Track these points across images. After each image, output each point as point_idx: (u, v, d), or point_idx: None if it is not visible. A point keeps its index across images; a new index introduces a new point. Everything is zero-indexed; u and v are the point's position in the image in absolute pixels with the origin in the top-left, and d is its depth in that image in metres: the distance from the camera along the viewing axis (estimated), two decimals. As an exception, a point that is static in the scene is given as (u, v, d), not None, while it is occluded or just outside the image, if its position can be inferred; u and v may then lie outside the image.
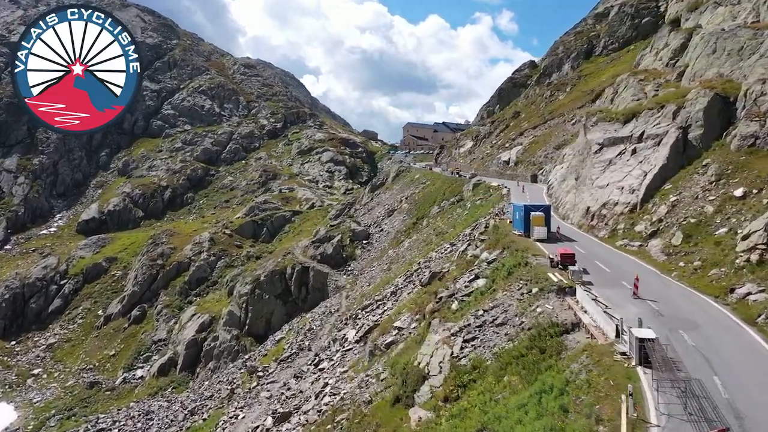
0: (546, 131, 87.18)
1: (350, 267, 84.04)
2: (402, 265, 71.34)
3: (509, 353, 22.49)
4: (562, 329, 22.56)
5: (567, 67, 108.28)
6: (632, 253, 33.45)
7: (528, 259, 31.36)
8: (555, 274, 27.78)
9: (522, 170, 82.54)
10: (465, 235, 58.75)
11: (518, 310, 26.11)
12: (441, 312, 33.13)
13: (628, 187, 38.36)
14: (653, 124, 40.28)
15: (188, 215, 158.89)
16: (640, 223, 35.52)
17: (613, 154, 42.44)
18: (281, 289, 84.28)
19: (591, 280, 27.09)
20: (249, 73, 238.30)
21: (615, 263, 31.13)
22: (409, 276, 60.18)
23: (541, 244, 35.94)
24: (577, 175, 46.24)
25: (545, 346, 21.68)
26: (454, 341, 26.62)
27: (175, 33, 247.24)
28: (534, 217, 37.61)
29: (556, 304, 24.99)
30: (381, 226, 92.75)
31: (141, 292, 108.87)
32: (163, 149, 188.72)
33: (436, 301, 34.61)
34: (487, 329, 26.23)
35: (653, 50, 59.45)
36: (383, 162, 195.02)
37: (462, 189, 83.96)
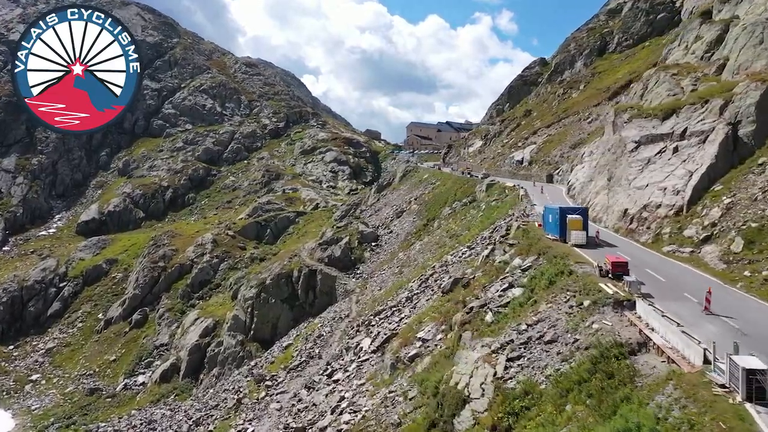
0: (560, 130, 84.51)
1: (359, 270, 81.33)
2: (414, 268, 68.70)
3: (568, 377, 19.77)
4: (627, 350, 19.87)
5: (580, 65, 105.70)
6: (684, 260, 30.72)
7: (571, 267, 28.63)
8: (607, 285, 25.05)
9: (537, 170, 79.90)
10: (483, 238, 56.07)
11: (569, 325, 23.39)
12: (473, 324, 30.40)
13: (671, 188, 35.62)
14: (697, 120, 37.56)
15: (189, 216, 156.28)
16: (689, 227, 32.79)
17: (651, 153, 39.72)
18: (288, 293, 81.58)
19: (649, 292, 24.38)
20: (250, 72, 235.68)
21: (669, 272, 28.39)
22: (424, 281, 57.56)
23: (581, 250, 33.21)
24: (609, 175, 43.53)
25: (611, 369, 18.97)
26: (497, 360, 23.91)
27: (176, 31, 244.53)
28: (571, 221, 34.86)
29: (614, 319, 22.27)
30: (390, 227, 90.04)
31: (142, 295, 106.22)
32: (164, 149, 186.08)
33: (466, 312, 31.87)
34: (534, 347, 23.52)
35: (682, 44, 56.78)
36: (387, 162, 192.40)
37: (474, 190, 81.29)
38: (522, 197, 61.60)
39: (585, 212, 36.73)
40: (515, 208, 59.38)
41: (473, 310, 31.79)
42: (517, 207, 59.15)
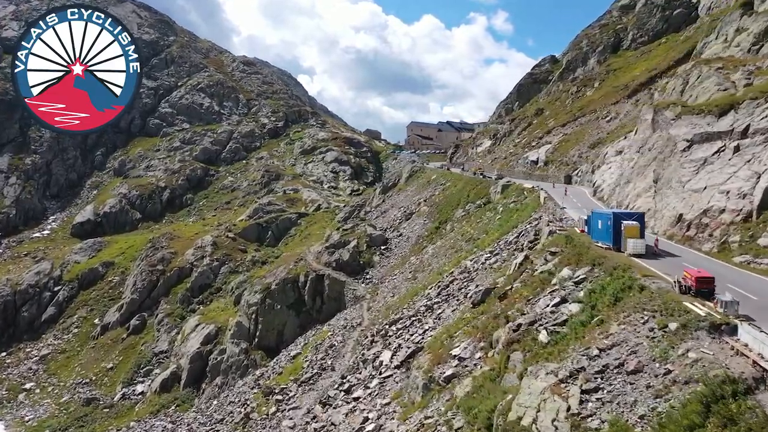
0: (577, 129, 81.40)
1: (368, 275, 77.97)
2: (429, 274, 65.46)
3: (674, 420, 16.44)
4: (743, 387, 16.61)
5: (593, 62, 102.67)
6: (764, 272, 27.55)
7: (639, 281, 25.33)
8: (695, 305, 21.77)
9: (553, 171, 76.75)
10: (507, 243, 52.87)
11: (654, 352, 20.08)
12: (523, 344, 27.10)
13: (736, 191, 32.38)
14: (761, 117, 34.35)
15: (187, 217, 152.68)
16: (763, 235, 29.62)
17: (707, 152, 36.48)
18: (294, 298, 78.17)
19: (746, 314, 21.12)
20: (248, 71, 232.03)
21: (757, 288, 25.09)
22: (443, 288, 54.32)
23: (641, 260, 29.92)
24: (655, 176, 40.29)
25: (731, 412, 15.71)
26: (568, 391, 20.62)
27: (172, 29, 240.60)
28: (628, 228, 31.50)
29: (714, 347, 18.98)
30: (399, 230, 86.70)
31: (140, 299, 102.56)
32: (160, 148, 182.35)
33: (512, 329, 28.55)
34: (614, 377, 20.22)
35: (720, 37, 53.82)
36: (389, 162, 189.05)
37: (488, 191, 78.10)
38: (545, 200, 58.37)
39: (642, 218, 33.33)
40: (539, 211, 56.20)
41: (521, 327, 28.46)
42: (541, 210, 55.96)
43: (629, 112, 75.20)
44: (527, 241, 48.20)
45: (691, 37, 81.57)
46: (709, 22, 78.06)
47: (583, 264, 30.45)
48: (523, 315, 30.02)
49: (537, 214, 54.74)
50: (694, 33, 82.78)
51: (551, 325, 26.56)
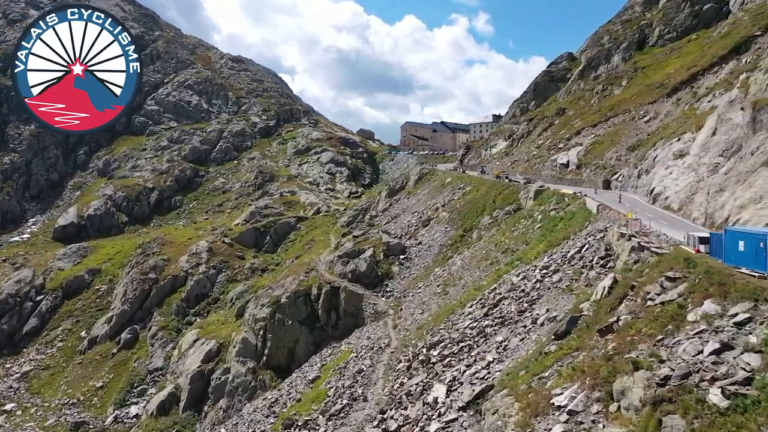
0: (610, 130, 75.76)
1: (388, 288, 71.50)
2: (463, 289, 59.27)
3: None
4: None
5: (617, 59, 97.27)
6: None
7: None
8: None
9: (589, 174, 71.00)
10: (564, 257, 46.75)
11: None
12: (683, 406, 20.88)
13: None
14: None
15: (177, 220, 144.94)
16: None
17: None
18: (306, 313, 71.43)
19: None
20: (237, 68, 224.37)
21: None
22: (490, 307, 48.11)
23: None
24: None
25: None
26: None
27: (158, 24, 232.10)
28: (795, 252, 25.70)
29: None
30: (416, 237, 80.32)
31: (131, 311, 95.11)
32: (147, 148, 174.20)
33: (657, 383, 22.30)
34: None
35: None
36: (385, 163, 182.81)
37: (518, 196, 72.19)
38: (600, 208, 52.41)
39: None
40: (596, 220, 50.23)
41: (669, 380, 22.21)
42: (598, 220, 50.00)
43: (670, 111, 69.71)
44: (597, 257, 42.25)
45: (730, 33, 76.37)
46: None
47: (736, 298, 24.33)
48: (662, 362, 23.77)
49: (596, 225, 48.71)
50: (732, 29, 77.63)
51: (727, 384, 20.32)
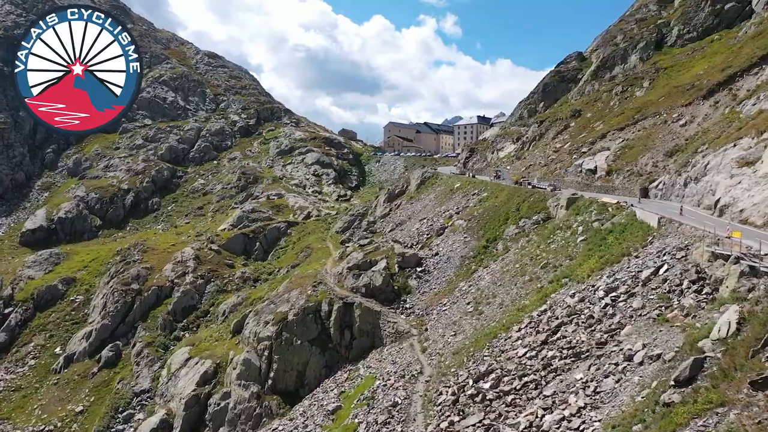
0: (640, 134, 70.99)
1: (407, 304, 65.35)
2: (502, 309, 53.57)
3: None
4: None
5: (634, 59, 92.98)
6: None
7: None
8: None
9: (622, 181, 66.04)
10: (635, 277, 41.33)
11: None
12: None
13: None
14: None
15: (155, 224, 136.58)
16: None
17: None
18: (317, 332, 64.83)
19: None
20: (214, 64, 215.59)
21: None
22: (549, 333, 42.46)
23: None
24: None
25: None
26: None
27: (129, 17, 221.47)
28: None
29: None
30: (431, 247, 74.39)
31: (113, 325, 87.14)
32: (120, 146, 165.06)
33: None
34: None
35: None
36: (371, 165, 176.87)
37: (545, 204, 66.88)
38: (663, 221, 47.20)
39: None
40: (665, 235, 45.03)
41: None
42: (667, 235, 44.79)
43: (709, 115, 65.26)
44: (687, 281, 36.93)
45: (762, 34, 72.49)
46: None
47: None
48: None
49: (667, 241, 43.48)
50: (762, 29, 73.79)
51: None
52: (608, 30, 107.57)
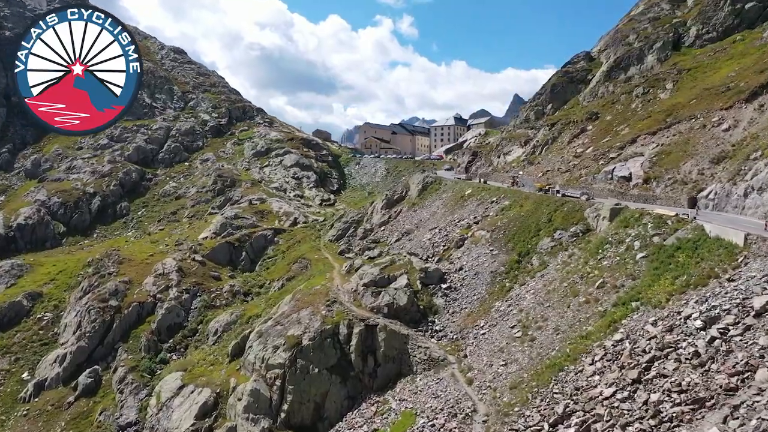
0: (676, 138, 66.38)
1: (436, 326, 59.02)
2: (557, 334, 47.81)
3: None
4: None
5: (652, 60, 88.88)
6: None
7: None
8: None
9: (665, 190, 61.12)
10: (740, 307, 36.05)
11: None
12: None
13: None
14: None
15: (124, 230, 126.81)
16: None
17: None
18: (336, 358, 57.88)
19: None
20: (180, 60, 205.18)
21: None
22: (641, 369, 36.85)
23: None
24: None
25: None
26: None
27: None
28: None
29: None
30: (452, 261, 68.25)
31: (90, 347, 78.25)
32: (84, 146, 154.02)
33: None
34: None
35: None
36: (351, 167, 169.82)
37: (583, 215, 61.57)
38: (751, 240, 42.16)
39: None
40: (756, 254, 40.03)
41: None
42: (761, 254, 39.77)
43: (754, 119, 61.00)
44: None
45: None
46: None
47: None
48: None
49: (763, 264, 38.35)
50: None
51: None
52: (617, 29, 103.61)
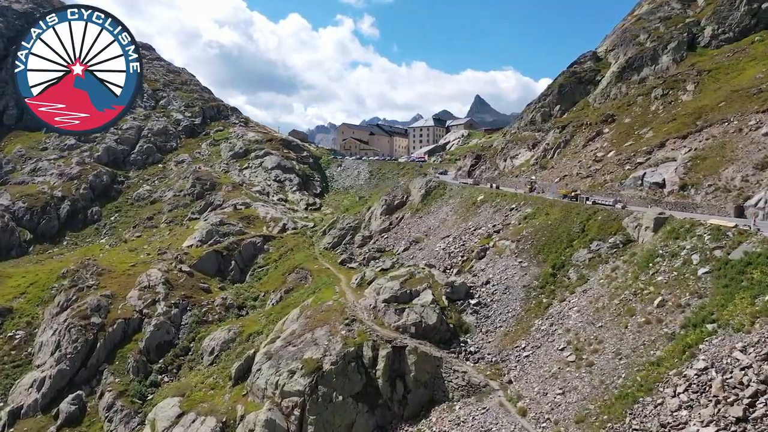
0: (709, 143, 62.97)
1: (469, 347, 54.11)
2: (619, 359, 43.48)
3: None
4: None
5: (666, 60, 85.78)
6: None
7: None
8: None
9: (706, 198, 57.54)
10: None
11: None
12: None
13: None
14: None
15: (97, 237, 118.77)
16: None
17: None
18: (361, 384, 52.50)
19: None
20: (149, 56, 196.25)
21: None
22: (745, 406, 32.91)
23: None
24: None
25: None
26: None
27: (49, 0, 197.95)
28: None
29: None
30: (475, 273, 63.50)
31: (72, 370, 70.95)
32: (49, 146, 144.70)
33: None
34: None
35: None
36: (332, 169, 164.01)
37: (621, 224, 57.57)
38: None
39: None
40: None
41: None
42: None
43: (796, 124, 58.02)
44: None
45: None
46: None
47: None
48: None
49: None
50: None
51: None
52: (625, 28, 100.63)
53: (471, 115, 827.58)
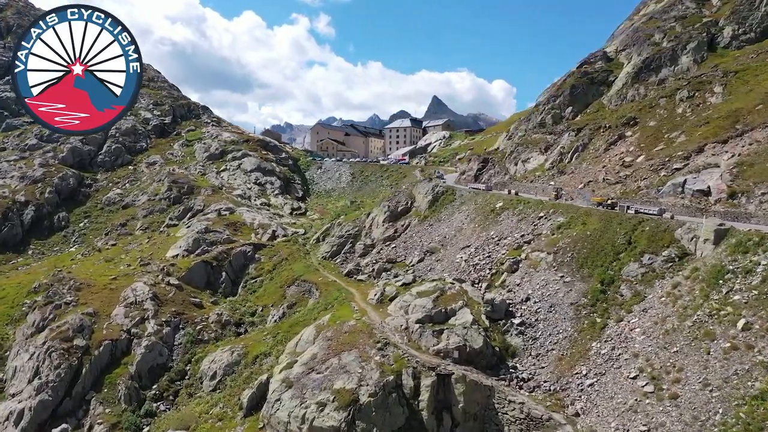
0: (754, 148, 59.44)
1: (520, 372, 49.06)
2: (709, 392, 39.07)
3: None
4: None
5: (687, 61, 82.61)
6: None
7: None
8: None
9: (760, 206, 53.94)
10: None
11: None
12: None
13: None
14: None
15: (65, 245, 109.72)
16: None
17: None
18: (404, 417, 46.82)
19: None
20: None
21: None
22: None
23: None
24: None
25: None
26: None
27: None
28: None
29: None
30: (509, 288, 58.55)
31: (55, 400, 63.05)
32: (8, 147, 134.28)
33: None
34: None
35: None
36: (312, 171, 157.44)
37: (673, 236, 53.43)
38: None
39: None
40: None
41: None
42: None
43: None
44: None
45: None
46: None
47: None
48: None
49: None
50: None
51: None
52: (636, 28, 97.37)
53: (428, 115, 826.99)
